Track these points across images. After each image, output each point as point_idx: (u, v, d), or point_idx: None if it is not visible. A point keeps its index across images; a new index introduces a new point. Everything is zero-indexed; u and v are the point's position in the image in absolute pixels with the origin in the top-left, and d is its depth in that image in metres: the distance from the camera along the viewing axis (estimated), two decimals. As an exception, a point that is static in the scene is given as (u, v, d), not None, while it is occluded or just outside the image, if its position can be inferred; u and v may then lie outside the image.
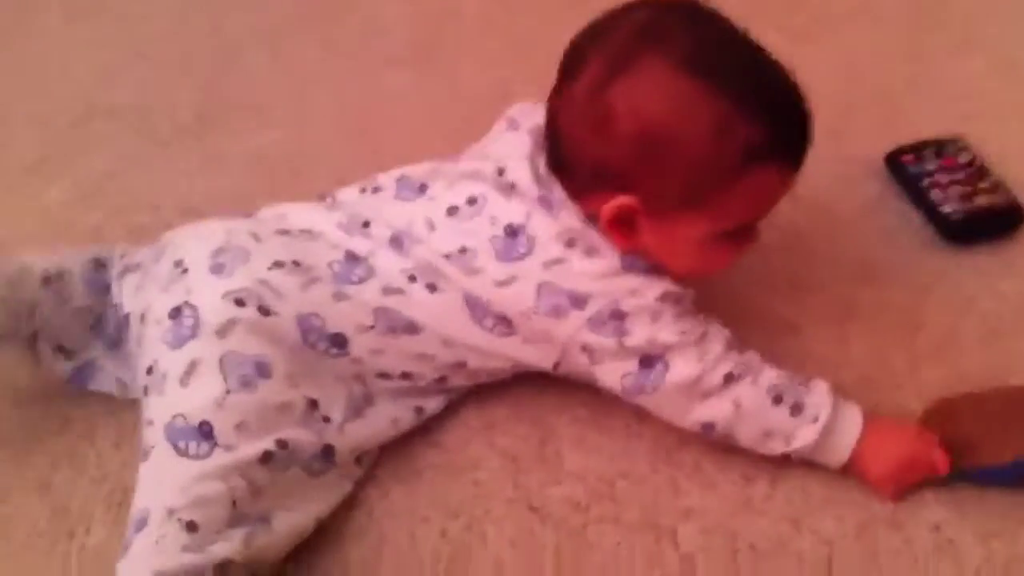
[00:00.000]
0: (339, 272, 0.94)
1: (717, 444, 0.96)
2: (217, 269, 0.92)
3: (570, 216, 0.91)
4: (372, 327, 0.93)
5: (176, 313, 0.90)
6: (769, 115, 0.87)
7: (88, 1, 1.70)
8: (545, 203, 0.92)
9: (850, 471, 0.93)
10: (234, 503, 0.84)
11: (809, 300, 1.11)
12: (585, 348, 0.92)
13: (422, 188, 0.99)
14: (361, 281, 0.93)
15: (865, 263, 1.15)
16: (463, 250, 0.93)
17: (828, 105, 1.33)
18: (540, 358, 0.95)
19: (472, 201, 0.94)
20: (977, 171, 1.22)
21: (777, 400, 0.92)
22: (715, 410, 0.92)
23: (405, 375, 0.96)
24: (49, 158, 1.35)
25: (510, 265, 0.92)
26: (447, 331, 0.94)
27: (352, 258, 0.94)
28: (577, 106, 0.90)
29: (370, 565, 0.90)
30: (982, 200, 1.18)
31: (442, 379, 0.98)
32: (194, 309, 0.89)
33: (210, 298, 0.90)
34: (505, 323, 0.93)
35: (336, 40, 1.57)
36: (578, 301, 0.91)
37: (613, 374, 0.93)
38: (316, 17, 1.62)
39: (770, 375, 0.93)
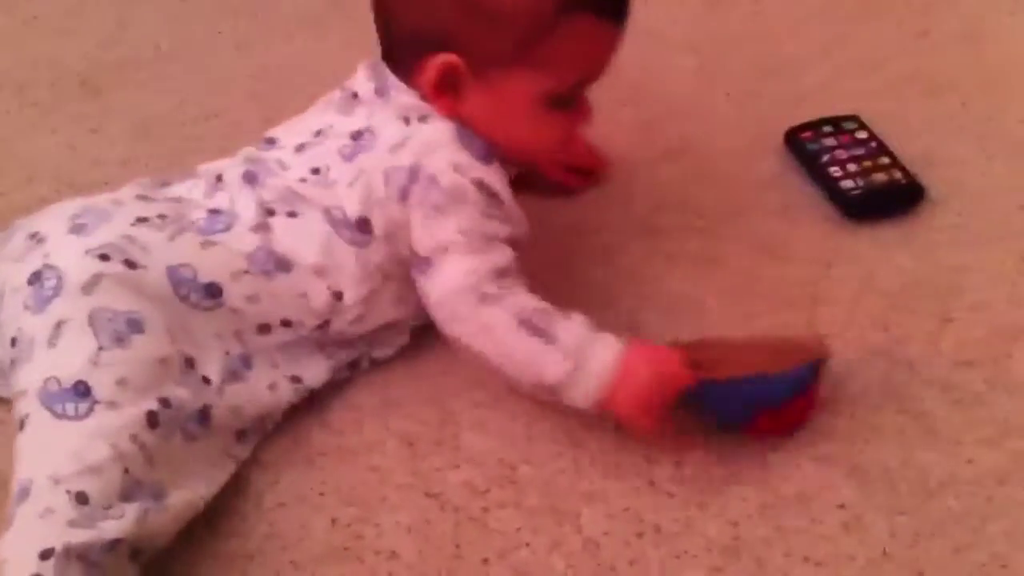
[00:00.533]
0: (204, 226, 0.91)
1: (619, 426, 0.93)
2: (77, 230, 0.88)
3: (404, 94, 0.93)
4: (246, 271, 0.89)
5: (35, 278, 0.85)
6: None
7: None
8: (380, 92, 0.94)
9: (603, 407, 0.89)
10: (126, 470, 0.78)
11: (711, 276, 1.09)
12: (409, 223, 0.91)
13: (270, 141, 0.99)
14: (227, 228, 0.91)
15: (766, 239, 1.14)
16: (316, 170, 0.93)
17: (733, 78, 1.34)
18: (403, 251, 0.93)
19: (318, 133, 0.96)
20: (875, 148, 1.21)
21: (530, 329, 0.87)
22: (468, 330, 0.89)
23: (285, 323, 0.92)
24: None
25: (356, 161, 0.92)
26: (315, 257, 0.91)
27: (214, 212, 0.92)
28: None
29: (260, 558, 0.85)
30: (881, 176, 1.18)
31: (324, 325, 0.93)
32: (54, 269, 0.85)
33: (71, 256, 0.86)
34: (364, 227, 0.91)
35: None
36: (413, 174, 0.90)
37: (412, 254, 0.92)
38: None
39: (526, 302, 0.89)
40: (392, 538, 0.87)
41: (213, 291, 0.89)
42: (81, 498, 0.76)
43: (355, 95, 0.96)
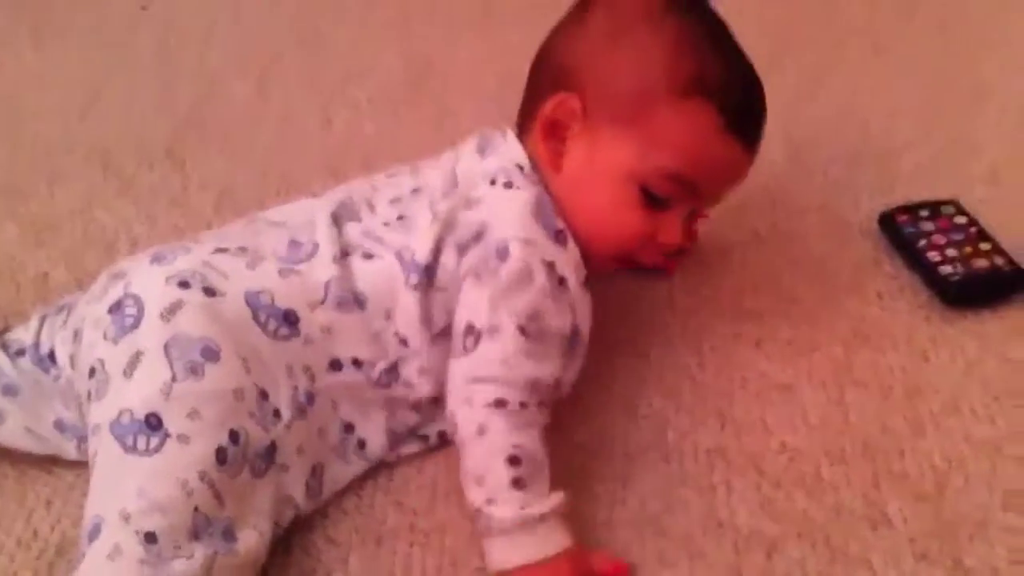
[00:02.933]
0: (284, 255, 0.90)
1: (707, 515, 0.89)
2: (158, 260, 0.88)
3: (500, 158, 0.94)
4: (322, 302, 0.88)
5: (116, 307, 0.85)
6: (729, 67, 0.92)
7: (61, 29, 1.62)
8: (480, 151, 0.95)
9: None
10: (196, 508, 0.77)
11: (804, 363, 1.04)
12: (462, 287, 0.88)
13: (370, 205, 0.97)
14: (308, 258, 0.89)
15: (861, 326, 1.09)
16: (401, 218, 0.93)
17: (828, 162, 1.30)
18: (444, 308, 0.90)
19: (415, 191, 0.95)
20: (976, 233, 1.16)
21: (513, 461, 0.82)
22: (466, 418, 0.84)
23: (356, 362, 0.89)
24: (6, 193, 1.27)
25: (436, 206, 0.92)
26: (383, 299, 0.89)
27: (295, 244, 0.91)
28: (561, 20, 0.97)
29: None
30: (982, 262, 1.13)
31: (393, 369, 0.90)
32: (135, 298, 0.85)
33: (152, 284, 0.85)
34: (430, 273, 0.89)
35: (321, 77, 1.51)
36: (479, 235, 0.89)
37: (456, 322, 0.88)
38: (302, 56, 1.56)
39: (529, 438, 0.83)
40: (465, 626, 0.83)
41: (291, 319, 0.87)
42: (150, 538, 0.75)
43: (456, 157, 0.97)
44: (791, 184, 1.29)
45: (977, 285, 1.11)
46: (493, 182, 0.92)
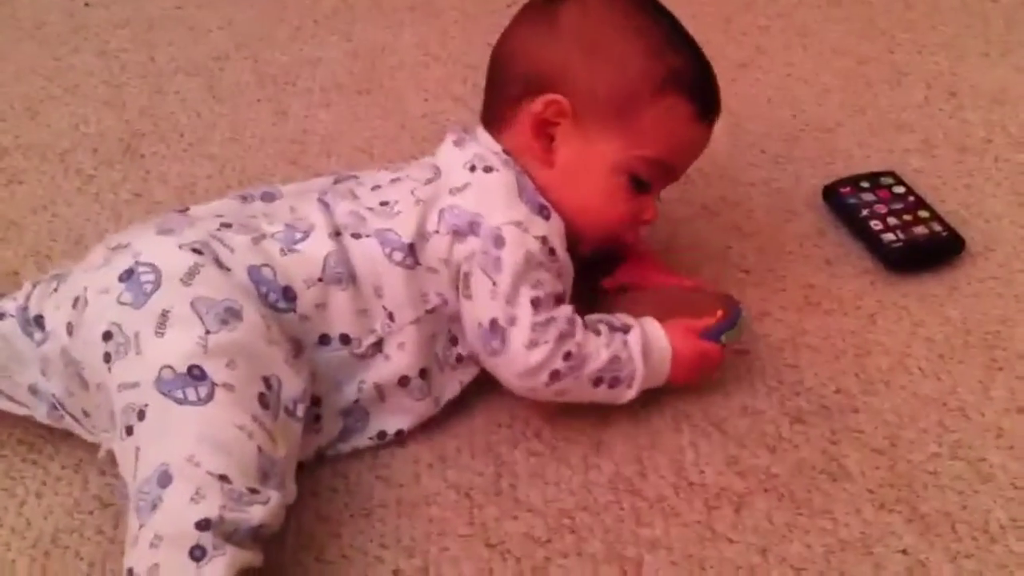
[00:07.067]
0: (283, 238, 0.92)
1: (680, 475, 0.95)
2: (165, 232, 0.90)
3: (477, 145, 0.99)
4: (320, 279, 0.91)
5: (128, 275, 0.86)
6: (692, 60, 0.98)
7: (10, 34, 1.62)
8: (458, 143, 1.00)
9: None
10: (259, 449, 0.80)
11: (757, 328, 1.10)
12: (466, 278, 0.94)
13: (351, 176, 1.04)
14: (305, 237, 0.92)
15: (810, 292, 1.14)
16: (384, 203, 0.97)
17: (766, 138, 1.36)
18: (442, 287, 0.95)
19: (395, 180, 1.00)
20: (914, 202, 1.23)
21: (597, 382, 0.95)
22: (547, 397, 0.96)
23: (344, 338, 0.92)
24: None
25: (418, 193, 0.96)
26: (372, 277, 0.93)
27: (291, 227, 0.94)
28: (524, 21, 1.01)
29: (321, 609, 0.85)
30: (921, 229, 1.19)
31: (377, 345, 0.93)
32: (150, 265, 0.86)
33: (166, 250, 0.88)
34: (412, 252, 0.93)
35: (272, 71, 1.53)
36: (473, 225, 0.93)
37: (472, 318, 0.94)
38: (251, 50, 1.57)
39: (591, 367, 0.94)
40: (454, 588, 0.87)
41: (289, 295, 0.90)
42: (224, 479, 0.77)
43: (436, 153, 1.03)
44: (734, 158, 1.34)
45: (918, 251, 1.17)
46: (473, 168, 0.96)
